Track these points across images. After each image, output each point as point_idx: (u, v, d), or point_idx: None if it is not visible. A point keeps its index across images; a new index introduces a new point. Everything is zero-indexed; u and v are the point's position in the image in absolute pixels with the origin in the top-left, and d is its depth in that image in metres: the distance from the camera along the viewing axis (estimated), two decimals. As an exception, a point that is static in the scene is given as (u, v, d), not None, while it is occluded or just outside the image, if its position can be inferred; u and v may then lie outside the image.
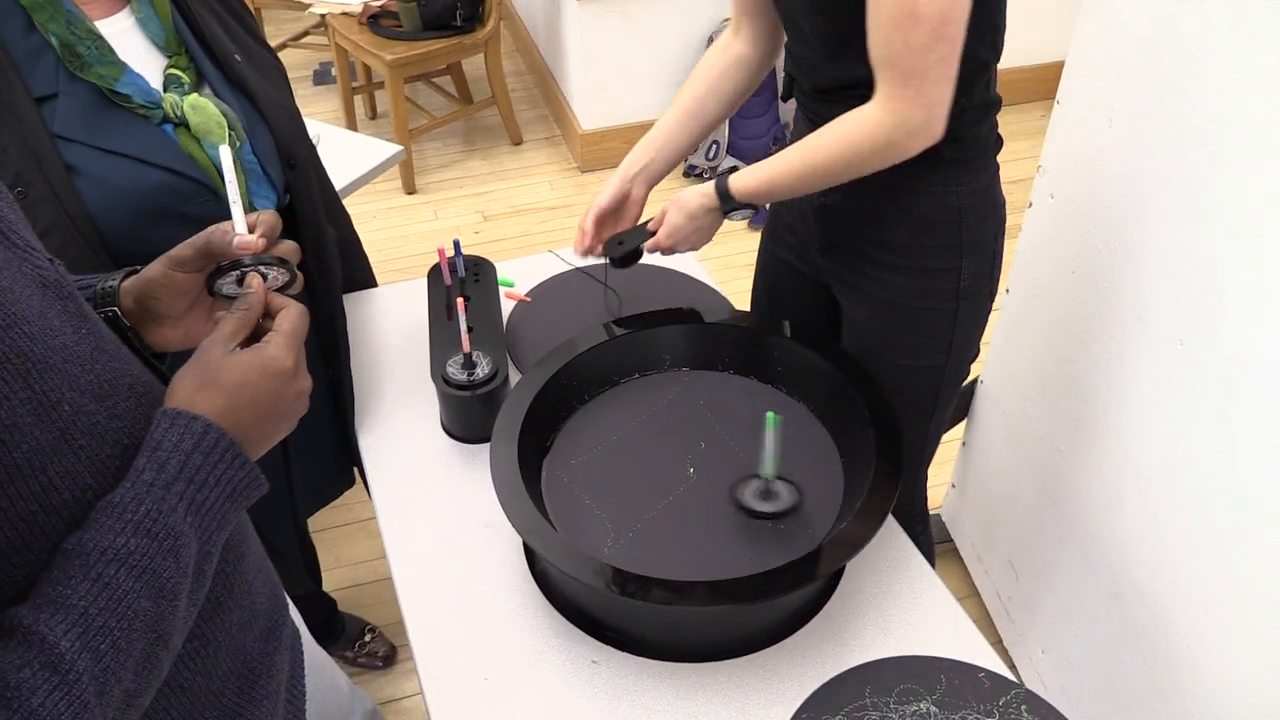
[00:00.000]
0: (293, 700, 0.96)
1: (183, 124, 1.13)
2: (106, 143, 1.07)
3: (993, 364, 1.93)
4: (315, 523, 2.26)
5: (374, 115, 4.00)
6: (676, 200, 1.33)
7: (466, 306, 1.42)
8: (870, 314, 1.36)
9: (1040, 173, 1.69)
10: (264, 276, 0.79)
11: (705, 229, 1.34)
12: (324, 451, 1.50)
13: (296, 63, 4.23)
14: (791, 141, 1.36)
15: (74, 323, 0.67)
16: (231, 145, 1.15)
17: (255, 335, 0.77)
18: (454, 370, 1.29)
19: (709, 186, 1.30)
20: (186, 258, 0.82)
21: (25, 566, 0.61)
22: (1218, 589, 1.30)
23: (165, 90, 1.14)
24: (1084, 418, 1.60)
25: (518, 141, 3.78)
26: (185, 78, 1.16)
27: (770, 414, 1.08)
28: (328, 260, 1.35)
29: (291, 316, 0.78)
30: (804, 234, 1.42)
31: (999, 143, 1.26)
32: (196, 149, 1.14)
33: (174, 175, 1.11)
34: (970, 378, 1.53)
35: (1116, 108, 1.44)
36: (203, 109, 1.13)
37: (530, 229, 3.31)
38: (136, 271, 0.85)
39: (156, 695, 0.74)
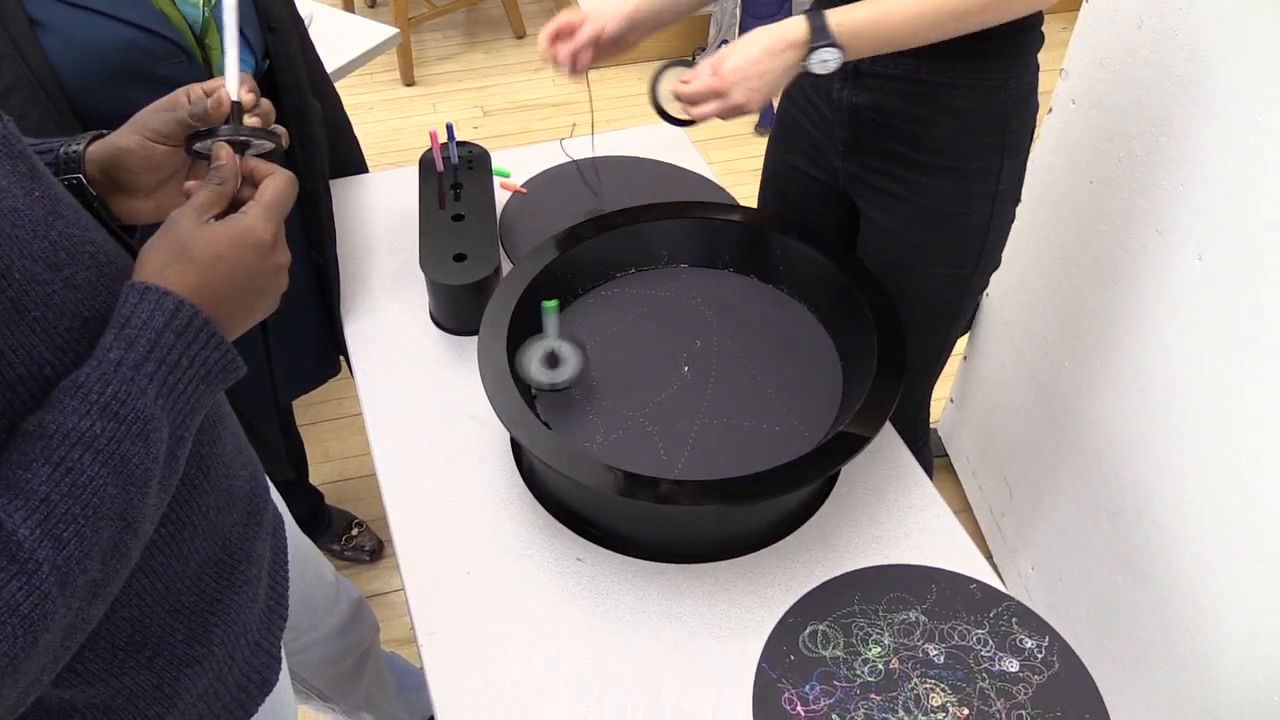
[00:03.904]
0: (275, 586, 0.93)
1: (155, -22, 1.06)
2: None
3: (999, 276, 1.87)
4: (304, 416, 2.24)
5: (373, 3, 3.87)
6: (740, 39, 1.07)
7: (459, 195, 1.37)
8: (900, 219, 1.29)
9: (1063, 76, 1.62)
10: (241, 147, 0.74)
11: (775, 75, 1.05)
12: (307, 335, 1.46)
13: (294, -56, 4.08)
14: None
15: (24, 184, 0.62)
16: (206, 3, 1.08)
17: (234, 206, 0.72)
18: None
19: (792, 19, 1.05)
20: (170, 133, 0.76)
21: None
22: (1224, 510, 1.28)
23: (136, -60, 1.07)
24: (1093, 333, 1.56)
25: (521, 35, 3.66)
26: (157, -72, 1.08)
27: (545, 303, 1.05)
28: (311, 134, 1.29)
29: (275, 185, 0.72)
30: (822, 137, 1.34)
31: (1041, 37, 1.18)
32: (169, 6, 1.07)
33: (144, 33, 1.04)
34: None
35: (1148, 8, 1.37)
36: (175, -38, 1.06)
37: (531, 125, 3.22)
38: (101, 136, 0.79)
39: (129, 582, 0.71)
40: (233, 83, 0.75)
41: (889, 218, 1.30)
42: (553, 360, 1.08)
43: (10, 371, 0.58)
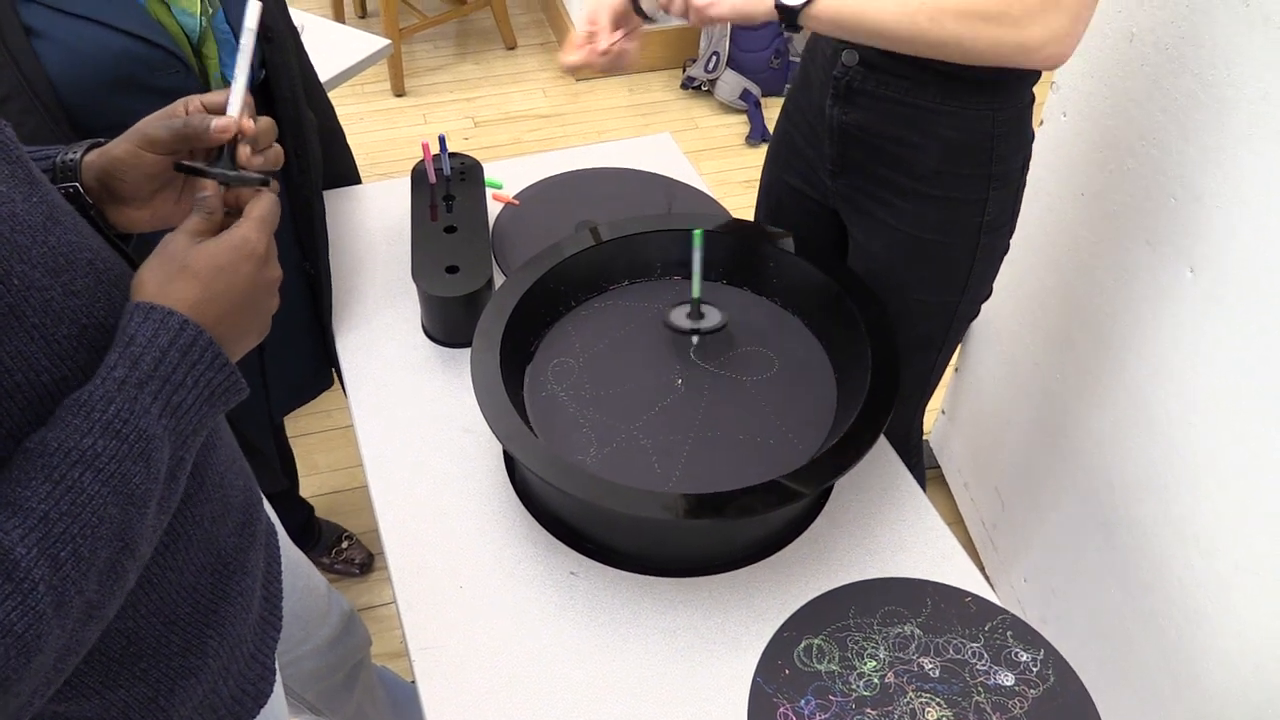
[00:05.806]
0: (269, 597, 0.93)
1: (151, -13, 1.06)
2: (68, 4, 1.00)
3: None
4: (294, 428, 2.23)
5: (363, 14, 3.87)
6: None
7: (452, 207, 1.37)
8: (883, 244, 1.29)
9: (1054, 89, 1.62)
10: (226, 182, 0.74)
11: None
12: (300, 348, 1.45)
13: (284, -45, 4.07)
14: (802, 55, 1.30)
15: (23, 190, 0.62)
16: (203, 13, 1.07)
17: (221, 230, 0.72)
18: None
19: None
20: (161, 140, 0.76)
21: None
22: (1217, 521, 1.28)
23: (133, -49, 1.06)
24: (1084, 345, 1.57)
25: (512, 46, 3.67)
26: (154, -61, 1.08)
27: (696, 231, 1.14)
28: (306, 143, 1.29)
29: (262, 203, 0.73)
30: (814, 156, 1.34)
31: (1036, 72, 1.16)
32: (166, 15, 1.06)
33: (140, 42, 1.04)
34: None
35: (1139, 22, 1.38)
36: (172, -29, 1.06)
37: (521, 136, 3.23)
38: (99, 144, 0.79)
39: None
40: (235, 107, 0.75)
41: (872, 241, 1.30)
42: (697, 312, 1.17)
43: (9, 379, 0.58)
